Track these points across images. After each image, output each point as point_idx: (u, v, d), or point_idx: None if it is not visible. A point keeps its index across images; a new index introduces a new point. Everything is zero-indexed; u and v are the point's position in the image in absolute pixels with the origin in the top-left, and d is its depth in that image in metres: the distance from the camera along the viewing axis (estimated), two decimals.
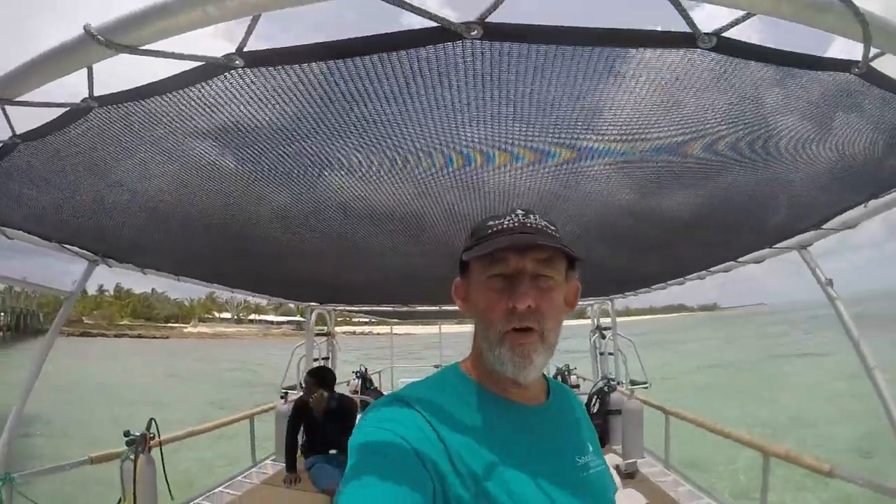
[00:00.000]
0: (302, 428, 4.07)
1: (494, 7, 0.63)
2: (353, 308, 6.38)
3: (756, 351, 32.70)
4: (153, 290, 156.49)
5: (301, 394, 4.41)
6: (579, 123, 1.06)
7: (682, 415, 4.14)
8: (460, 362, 0.81)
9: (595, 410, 4.88)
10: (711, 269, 3.36)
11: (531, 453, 0.71)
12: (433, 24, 0.65)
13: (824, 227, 1.86)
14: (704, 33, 0.69)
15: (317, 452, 3.98)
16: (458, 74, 0.85)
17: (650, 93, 0.93)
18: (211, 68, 0.82)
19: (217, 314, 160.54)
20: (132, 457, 2.59)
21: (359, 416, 4.24)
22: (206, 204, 1.67)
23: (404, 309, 5.70)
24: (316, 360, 5.69)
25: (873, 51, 0.67)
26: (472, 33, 0.66)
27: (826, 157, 1.26)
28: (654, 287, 4.39)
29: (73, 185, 1.52)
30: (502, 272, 0.72)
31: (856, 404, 13.37)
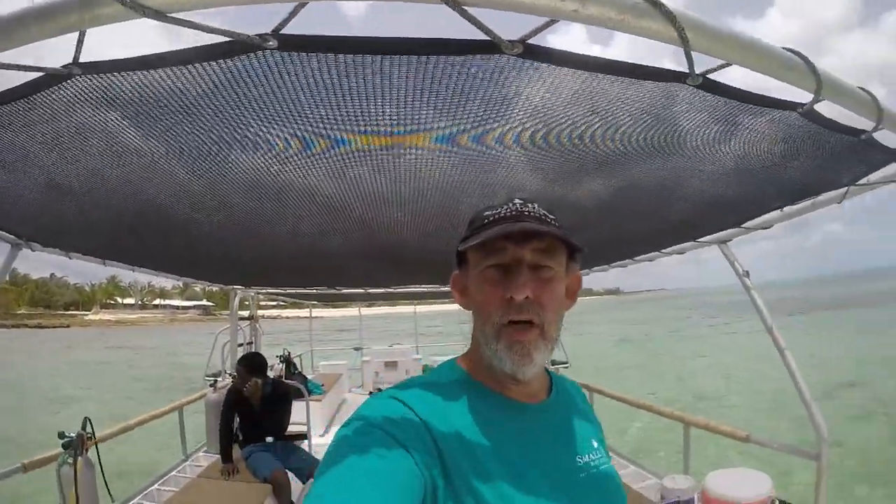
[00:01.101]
0: (236, 417, 3.94)
1: (535, 32, 0.71)
2: (277, 291, 6.17)
3: (664, 330, 36.20)
4: (52, 274, 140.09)
5: (230, 381, 4.24)
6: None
7: (605, 391, 4.51)
8: (457, 358, 0.79)
9: None
10: (637, 258, 3.67)
11: (527, 454, 0.68)
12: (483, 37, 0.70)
13: (743, 225, 2.15)
14: (697, 73, 0.81)
15: (254, 441, 3.88)
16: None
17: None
18: (236, 46, 0.77)
19: (120, 299, 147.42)
20: (70, 460, 2.38)
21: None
22: (139, 185, 1.58)
23: (331, 292, 5.58)
24: (240, 345, 5.50)
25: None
26: (514, 51, 0.73)
27: (751, 167, 1.43)
28: (579, 272, 4.65)
29: (18, 161, 1.39)
30: (500, 262, 0.69)
31: (745, 375, 15.42)
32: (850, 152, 1.16)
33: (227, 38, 0.72)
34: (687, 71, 0.81)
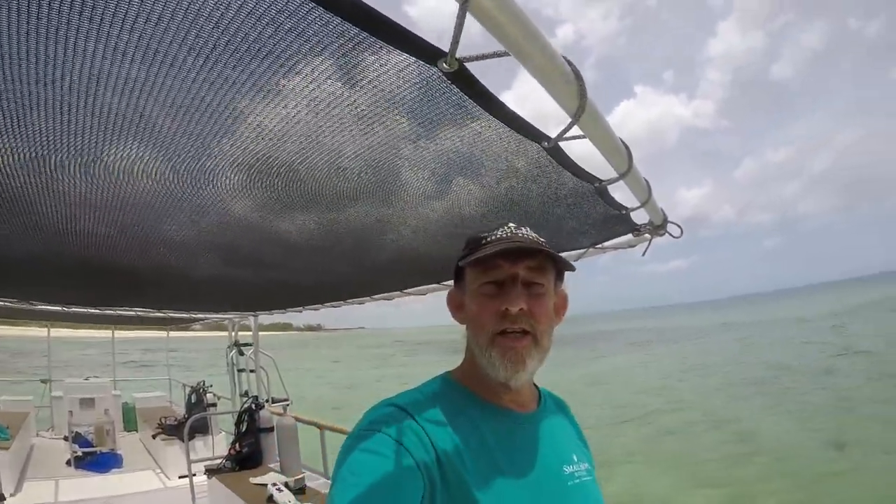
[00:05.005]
0: None
1: (477, 58, 0.72)
2: None
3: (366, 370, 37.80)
4: None
5: None
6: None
7: (336, 428, 4.44)
8: (450, 371, 0.83)
9: (244, 430, 4.65)
10: (375, 296, 3.71)
11: (518, 461, 0.73)
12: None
13: None
14: (552, 137, 0.97)
15: None
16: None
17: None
18: None
19: None
20: None
21: None
22: None
23: (22, 306, 4.22)
24: None
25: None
26: (444, 66, 0.70)
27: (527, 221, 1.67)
28: (306, 307, 4.46)
29: None
30: (495, 279, 0.75)
31: None
32: (604, 222, 1.56)
33: None
34: (552, 135, 0.95)
